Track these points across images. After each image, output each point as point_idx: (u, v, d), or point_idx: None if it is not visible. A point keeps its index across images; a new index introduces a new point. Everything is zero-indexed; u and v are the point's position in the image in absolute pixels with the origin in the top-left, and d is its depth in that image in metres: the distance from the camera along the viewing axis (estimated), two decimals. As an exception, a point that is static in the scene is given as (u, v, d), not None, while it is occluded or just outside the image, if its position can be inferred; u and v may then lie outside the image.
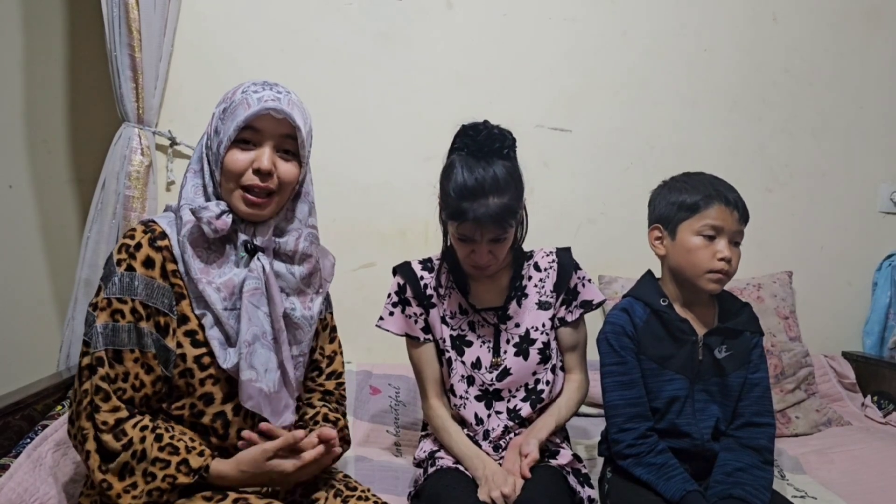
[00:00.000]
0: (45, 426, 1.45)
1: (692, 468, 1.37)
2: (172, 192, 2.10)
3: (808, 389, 2.14)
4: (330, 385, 1.35)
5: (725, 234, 1.38)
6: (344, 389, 1.38)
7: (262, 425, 1.14)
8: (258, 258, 1.14)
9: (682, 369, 1.43)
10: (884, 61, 2.50)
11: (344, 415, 1.37)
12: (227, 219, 1.12)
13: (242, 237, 1.15)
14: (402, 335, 1.56)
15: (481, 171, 1.36)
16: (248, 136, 1.12)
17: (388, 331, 1.56)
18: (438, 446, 1.52)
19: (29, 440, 1.39)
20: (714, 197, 1.38)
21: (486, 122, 1.43)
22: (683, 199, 1.41)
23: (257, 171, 1.11)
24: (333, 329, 1.38)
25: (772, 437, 1.43)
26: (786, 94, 2.45)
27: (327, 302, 1.36)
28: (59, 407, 1.59)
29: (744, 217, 1.40)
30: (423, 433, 1.64)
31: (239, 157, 1.12)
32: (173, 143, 2.08)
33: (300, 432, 1.11)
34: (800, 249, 2.45)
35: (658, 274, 1.52)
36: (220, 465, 1.10)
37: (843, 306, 2.50)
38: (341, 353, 1.39)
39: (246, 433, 1.13)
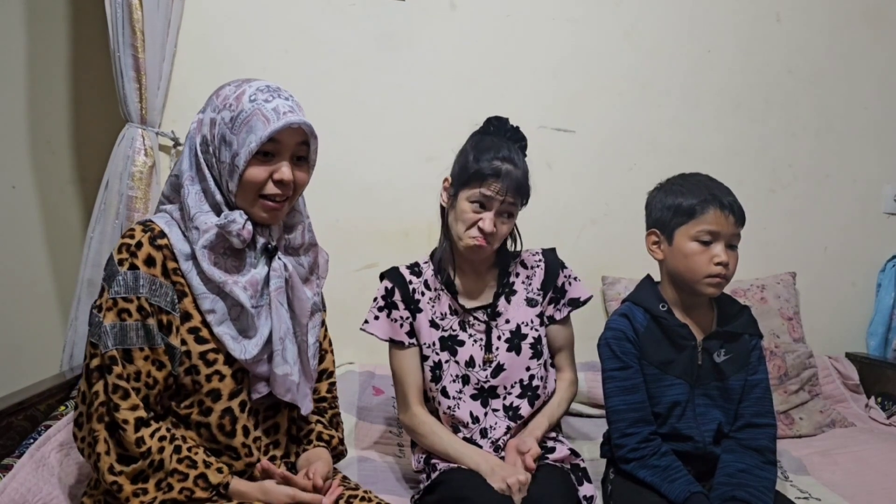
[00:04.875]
0: (49, 426, 1.45)
1: (694, 471, 1.37)
2: (175, 193, 2.10)
3: (812, 391, 2.14)
4: (322, 387, 1.37)
5: (722, 239, 1.37)
6: (336, 389, 1.41)
7: (279, 471, 1.16)
8: (278, 258, 1.19)
9: (683, 374, 1.42)
10: (888, 62, 2.50)
11: (338, 419, 1.39)
12: (251, 227, 1.15)
13: (262, 240, 1.18)
14: (386, 340, 1.55)
15: (505, 144, 1.46)
16: (268, 148, 1.13)
17: (372, 334, 1.55)
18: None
19: (32, 440, 1.38)
20: (710, 201, 1.37)
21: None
22: (679, 203, 1.39)
23: (279, 182, 1.14)
24: (325, 326, 1.39)
25: (773, 437, 1.42)
26: (789, 95, 2.44)
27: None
28: (63, 407, 1.58)
29: (740, 220, 1.39)
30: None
31: (260, 171, 1.13)
32: (176, 143, 2.08)
33: (328, 501, 1.14)
34: (803, 251, 2.45)
35: (657, 277, 1.52)
36: (239, 485, 1.14)
37: (847, 307, 2.50)
38: (332, 351, 1.41)
39: (264, 462, 1.17)
